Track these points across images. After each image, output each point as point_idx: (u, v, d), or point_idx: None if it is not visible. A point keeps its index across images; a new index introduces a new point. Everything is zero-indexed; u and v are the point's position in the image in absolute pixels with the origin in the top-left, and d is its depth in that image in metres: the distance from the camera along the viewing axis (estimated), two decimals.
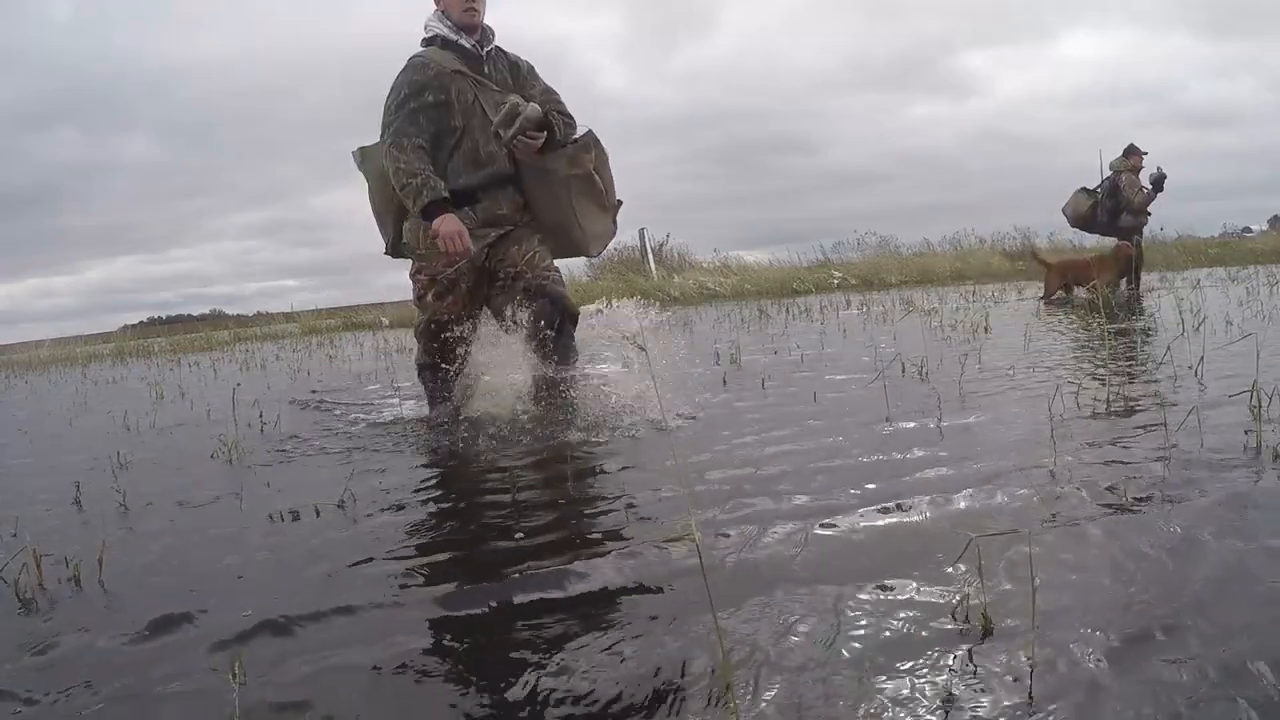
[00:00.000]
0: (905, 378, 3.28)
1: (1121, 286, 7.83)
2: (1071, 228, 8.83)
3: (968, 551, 1.28)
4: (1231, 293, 6.63)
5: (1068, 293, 7.80)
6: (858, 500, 1.72)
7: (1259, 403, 2.01)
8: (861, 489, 1.80)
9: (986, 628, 1.11)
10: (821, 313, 7.54)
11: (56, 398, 5.83)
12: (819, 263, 15.88)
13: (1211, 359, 2.99)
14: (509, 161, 2.85)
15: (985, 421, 2.43)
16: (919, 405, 2.68)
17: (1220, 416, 2.18)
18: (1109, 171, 8.25)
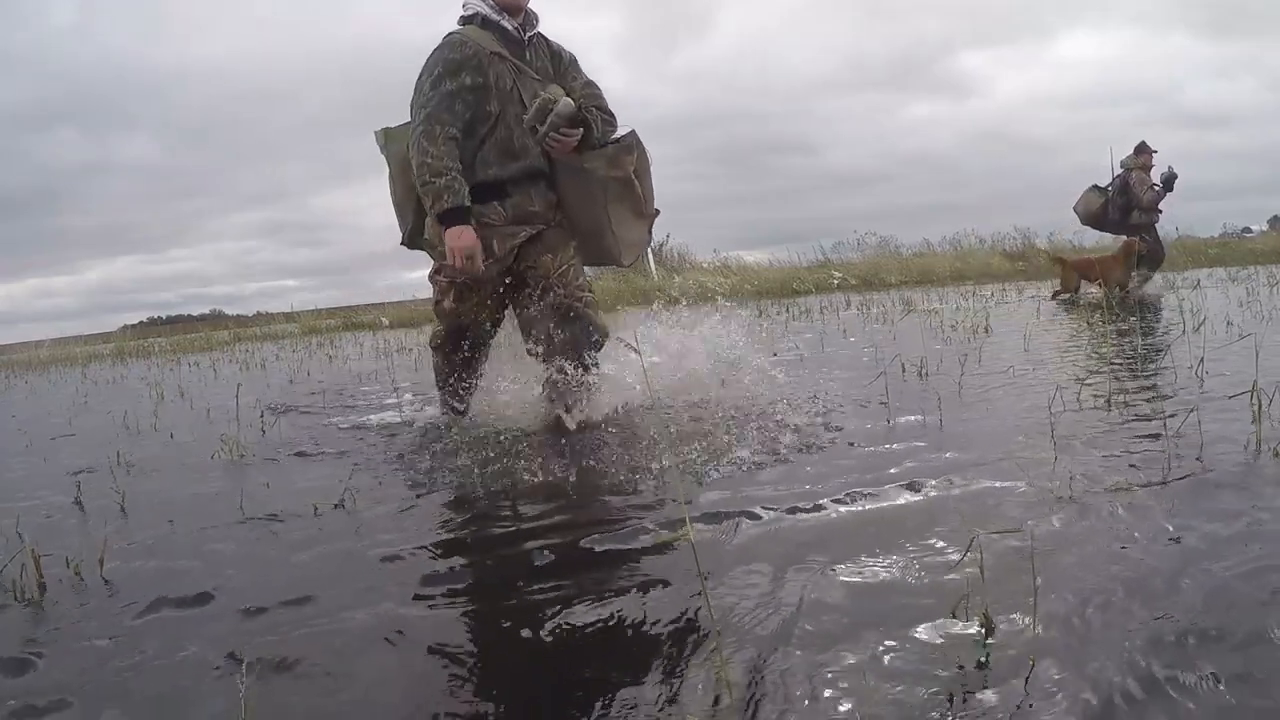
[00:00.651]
0: (905, 377, 3.28)
1: (1134, 281, 7.82)
2: (1081, 225, 8.81)
3: (969, 549, 1.28)
4: (1231, 293, 6.63)
5: (1076, 291, 7.79)
6: (858, 500, 1.72)
7: (1259, 403, 2.01)
8: (861, 488, 1.80)
9: (987, 626, 1.11)
10: (821, 313, 7.54)
11: (56, 398, 5.83)
12: (819, 263, 15.86)
13: (1211, 359, 2.99)
14: (543, 156, 2.65)
15: (985, 421, 2.43)
16: (919, 404, 2.68)
17: (1220, 416, 2.18)
18: (1119, 169, 8.26)
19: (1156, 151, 8.12)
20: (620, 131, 2.70)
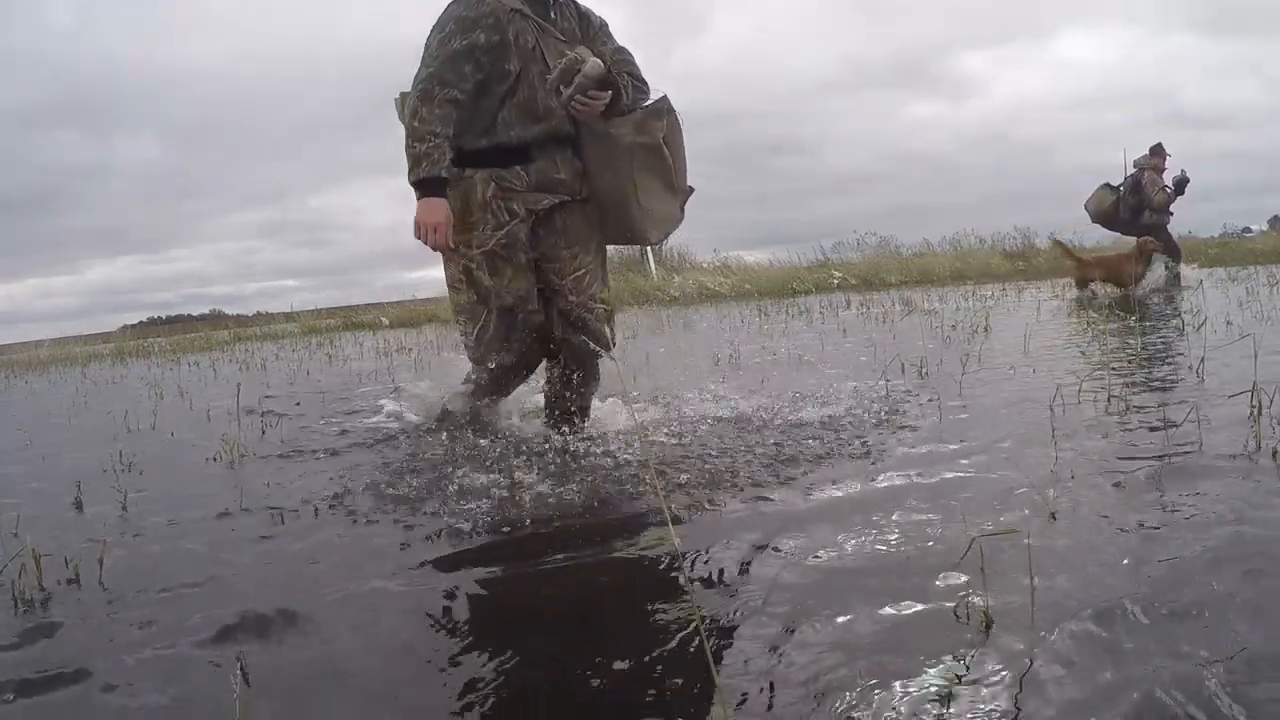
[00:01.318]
0: (905, 377, 3.28)
1: (1154, 279, 7.81)
2: (1090, 224, 8.82)
3: (970, 550, 1.28)
4: (1231, 293, 6.63)
5: (1082, 288, 7.76)
6: (857, 500, 1.72)
7: (1258, 402, 2.01)
8: (860, 488, 1.80)
9: (987, 625, 1.11)
10: (821, 313, 7.54)
11: (56, 398, 5.82)
12: (819, 263, 15.86)
13: (1211, 359, 2.99)
14: (569, 120, 2.43)
15: (985, 420, 2.43)
16: (918, 403, 2.68)
17: (1220, 416, 2.18)
18: (1133, 169, 8.26)
19: (1171, 155, 8.15)
20: (652, 98, 2.50)
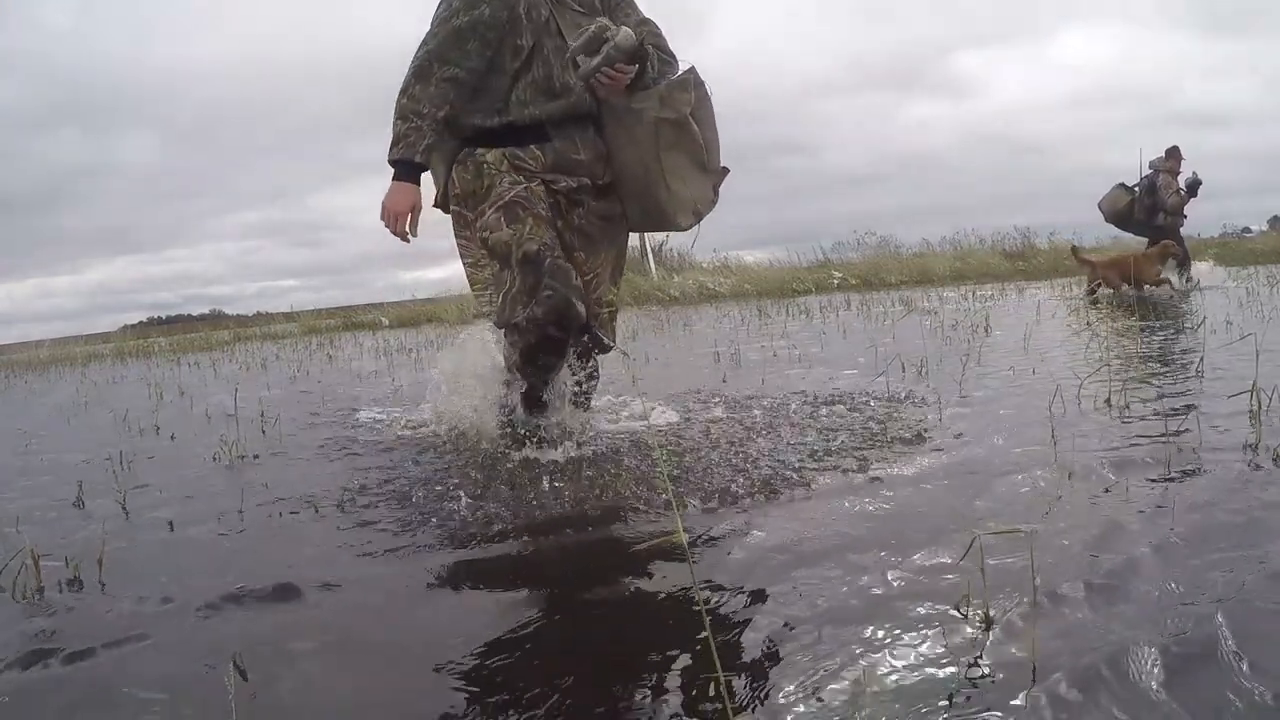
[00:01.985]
0: (905, 376, 3.28)
1: (1177, 282, 7.81)
2: (1106, 224, 8.82)
3: (970, 548, 1.28)
4: (1231, 293, 6.63)
5: (1093, 292, 7.75)
6: (857, 500, 1.72)
7: (1258, 402, 2.01)
8: (860, 488, 1.80)
9: (988, 624, 1.11)
10: (821, 313, 7.54)
11: (57, 398, 5.83)
12: (819, 263, 15.89)
13: (1211, 358, 2.99)
14: (589, 95, 2.26)
15: (985, 420, 2.43)
16: (918, 403, 2.68)
17: (1220, 416, 2.18)
18: (1148, 170, 8.27)
19: (1185, 159, 8.17)
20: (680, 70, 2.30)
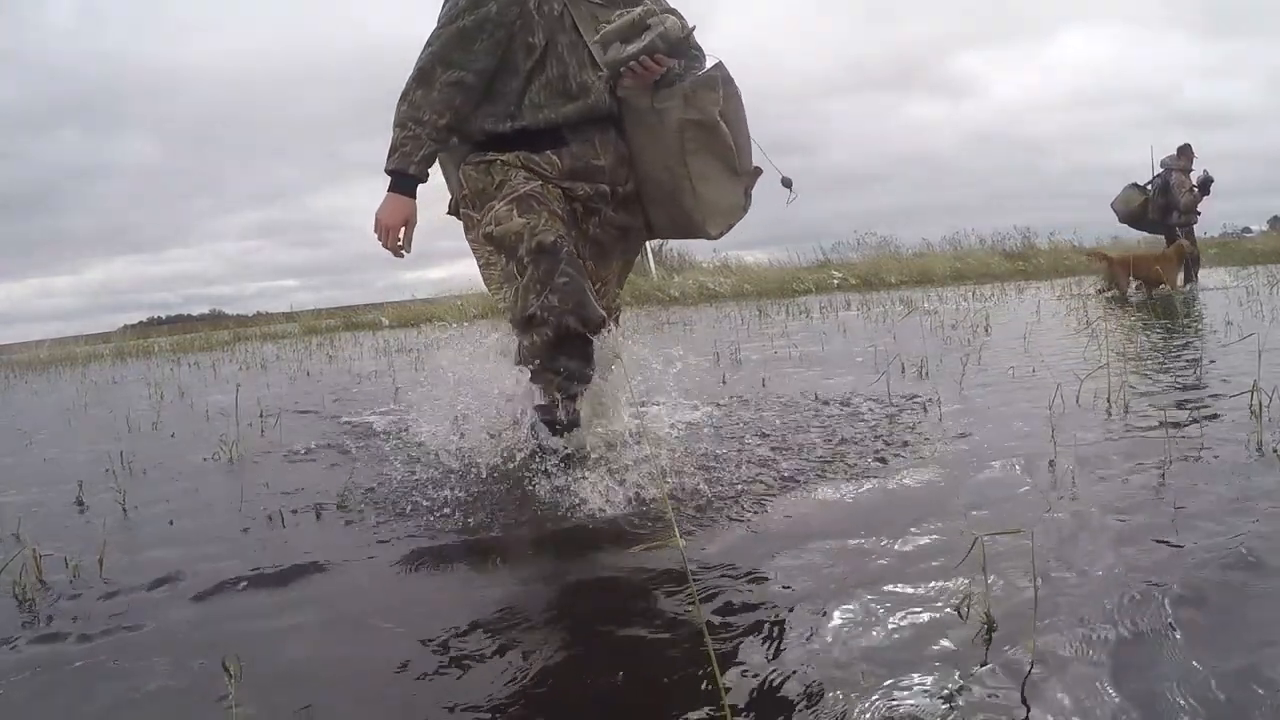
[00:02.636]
0: (905, 377, 3.28)
1: (1181, 283, 7.81)
2: (1120, 224, 8.82)
3: (972, 549, 1.28)
4: (1231, 293, 6.63)
5: (1122, 291, 7.72)
6: (858, 500, 1.72)
7: (1259, 402, 2.01)
8: (861, 488, 1.80)
9: (989, 625, 1.11)
10: (821, 313, 7.54)
11: (57, 398, 5.83)
12: (819, 263, 15.89)
13: (1212, 358, 2.99)
14: (609, 95, 2.09)
15: (985, 420, 2.43)
16: (918, 404, 2.68)
17: (1221, 415, 2.18)
18: (1159, 169, 8.27)
19: (1198, 157, 8.17)
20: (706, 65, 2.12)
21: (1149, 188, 8.32)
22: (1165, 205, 8.18)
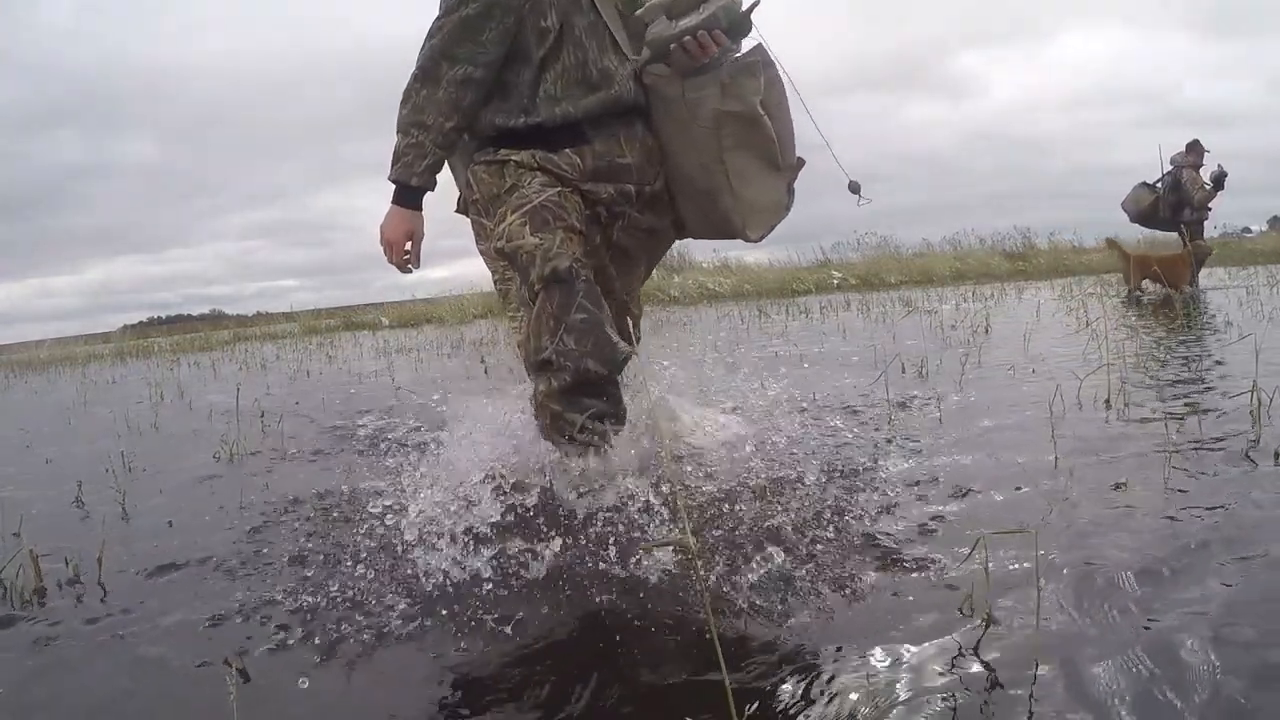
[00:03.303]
0: (905, 377, 3.28)
1: (1193, 285, 7.80)
2: (1131, 223, 8.79)
3: (975, 549, 1.28)
4: (1231, 293, 6.63)
5: (1139, 289, 7.67)
6: (858, 500, 1.72)
7: (1258, 402, 2.01)
8: (862, 488, 1.80)
9: (990, 624, 1.11)
10: (821, 313, 7.54)
11: (57, 398, 5.83)
12: (819, 263, 15.88)
13: (1212, 358, 2.99)
14: (636, 84, 1.87)
15: (986, 420, 2.43)
16: (918, 404, 2.68)
17: (1220, 415, 2.18)
18: (1169, 167, 8.25)
19: (1209, 151, 8.12)
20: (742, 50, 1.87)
21: (1159, 186, 8.30)
22: (1177, 203, 8.14)
